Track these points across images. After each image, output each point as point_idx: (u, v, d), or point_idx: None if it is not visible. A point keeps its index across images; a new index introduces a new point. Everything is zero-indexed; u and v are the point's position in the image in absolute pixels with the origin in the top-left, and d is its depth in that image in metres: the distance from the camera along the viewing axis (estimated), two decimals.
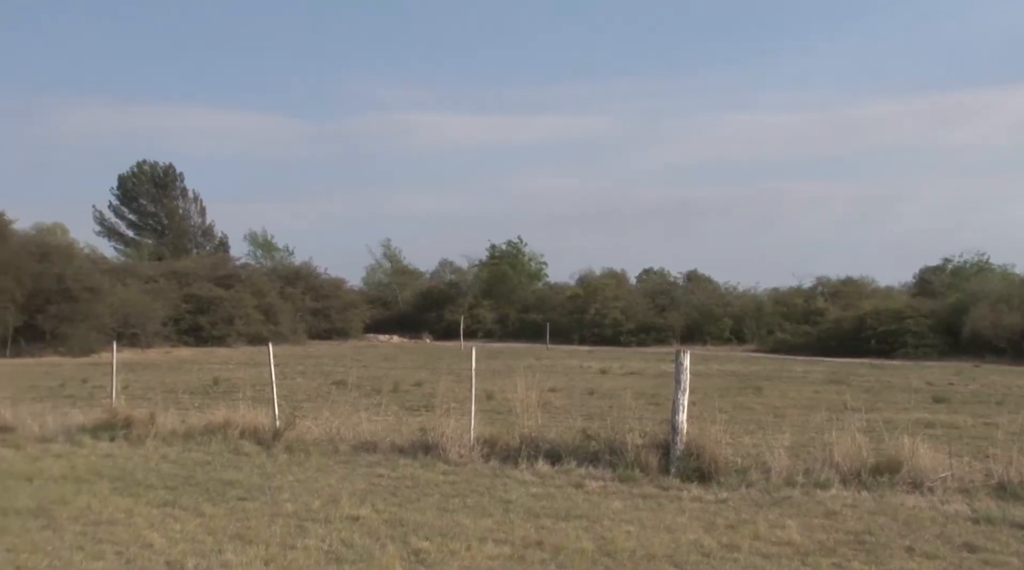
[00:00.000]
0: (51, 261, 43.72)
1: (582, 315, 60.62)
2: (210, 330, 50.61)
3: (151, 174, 78.07)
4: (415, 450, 12.07)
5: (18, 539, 7.50)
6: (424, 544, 7.50)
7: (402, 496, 9.59)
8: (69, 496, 9.29)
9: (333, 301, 62.72)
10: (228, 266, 61.53)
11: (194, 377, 26.40)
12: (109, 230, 77.74)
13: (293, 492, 9.66)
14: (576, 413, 16.72)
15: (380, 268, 79.15)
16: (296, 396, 19.13)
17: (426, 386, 22.65)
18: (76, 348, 40.63)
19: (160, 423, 13.63)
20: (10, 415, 14.18)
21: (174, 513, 8.62)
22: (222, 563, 6.87)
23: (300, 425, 13.27)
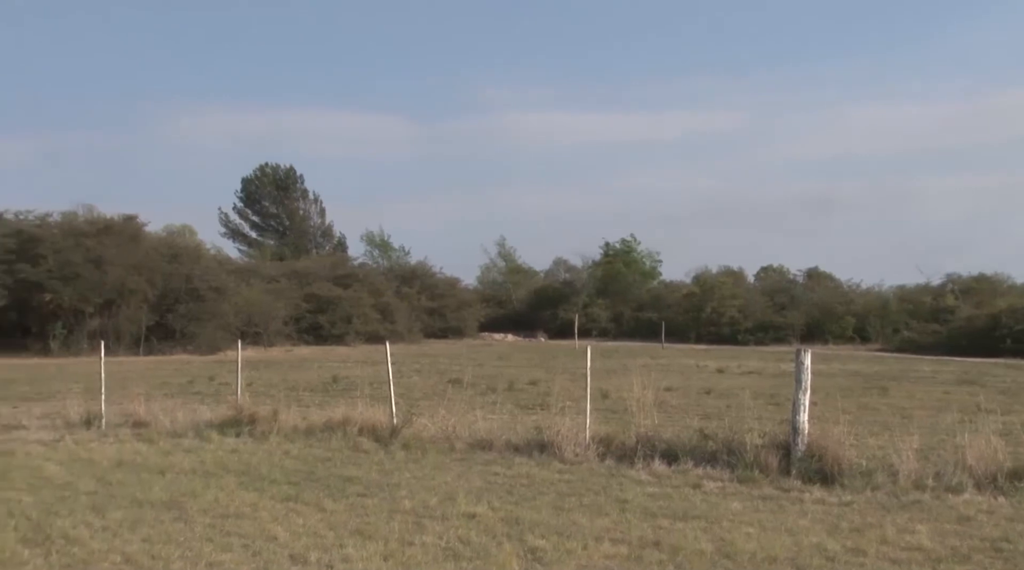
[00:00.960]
0: (180, 262, 45.46)
1: (698, 313, 59.79)
2: (329, 329, 51.79)
3: (273, 176, 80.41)
4: (530, 448, 12.08)
5: (152, 530, 7.79)
6: (540, 542, 7.49)
7: (518, 494, 9.61)
8: (198, 489, 9.62)
9: (448, 300, 63.40)
10: (346, 266, 62.88)
11: (314, 375, 27.06)
12: (233, 231, 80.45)
13: (411, 489, 9.77)
14: (692, 413, 16.48)
15: (495, 267, 79.64)
16: (413, 394, 19.39)
17: (541, 385, 22.67)
18: (203, 346, 42.13)
19: (283, 420, 13.99)
20: (144, 411, 14.78)
21: (297, 508, 8.82)
22: (343, 557, 6.99)
23: (417, 423, 13.44)
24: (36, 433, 13.71)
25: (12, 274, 39.61)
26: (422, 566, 6.85)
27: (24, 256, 40.65)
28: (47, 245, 41.25)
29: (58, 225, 44.50)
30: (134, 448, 12.42)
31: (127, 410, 14.94)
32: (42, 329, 40.38)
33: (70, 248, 41.28)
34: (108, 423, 14.43)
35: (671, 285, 69.70)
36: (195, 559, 6.87)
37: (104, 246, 42.13)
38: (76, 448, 12.36)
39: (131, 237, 44.46)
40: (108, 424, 14.38)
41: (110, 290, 41.34)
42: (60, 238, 42.20)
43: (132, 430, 13.98)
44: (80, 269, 40.59)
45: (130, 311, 41.92)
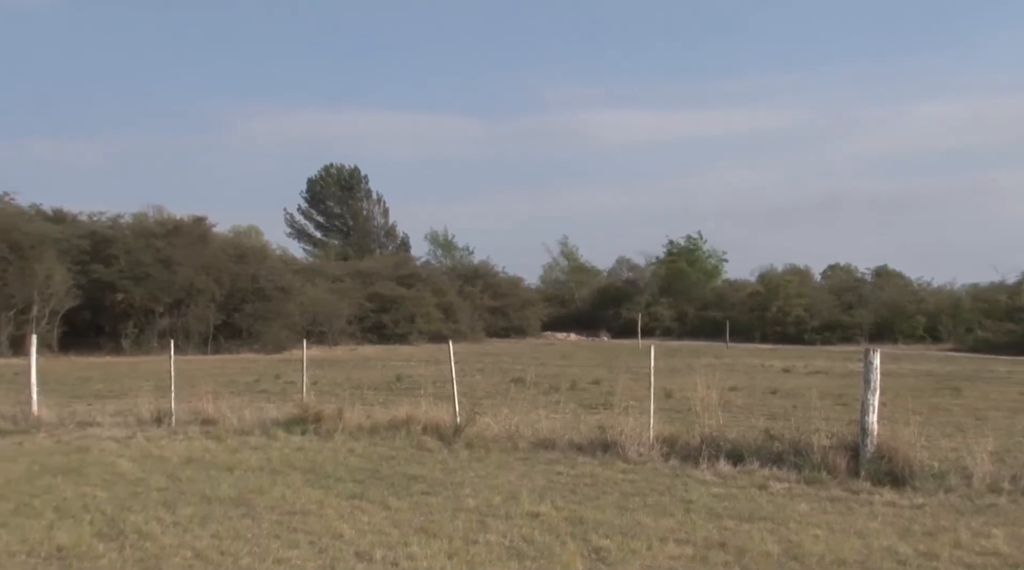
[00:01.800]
0: (247, 262, 46.20)
1: (763, 312, 59.12)
2: (393, 328, 52.21)
3: (337, 177, 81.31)
4: (594, 448, 12.03)
5: (221, 526, 7.92)
6: (604, 542, 7.45)
7: (581, 494, 9.57)
8: (265, 486, 9.75)
9: (511, 299, 63.51)
10: (410, 265, 63.32)
11: (378, 374, 27.28)
12: (299, 232, 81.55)
13: (474, 488, 9.79)
14: (758, 413, 16.26)
15: (557, 266, 79.62)
16: (476, 393, 19.44)
17: (604, 384, 22.58)
18: (269, 345, 42.76)
19: (347, 418, 14.11)
20: (212, 409, 15.02)
21: (362, 505, 8.89)
22: (408, 555, 7.02)
23: (480, 422, 13.46)
24: (109, 430, 14.01)
25: (86, 274, 40.61)
26: (486, 565, 6.86)
27: (97, 257, 41.68)
28: (119, 246, 42.24)
29: (129, 226, 45.59)
30: (203, 445, 12.63)
31: (196, 408, 15.19)
32: (114, 328, 41.34)
33: (141, 249, 42.21)
34: (178, 420, 14.70)
35: (736, 284, 69.04)
36: (263, 555, 6.96)
37: (174, 247, 43.01)
38: (147, 445, 12.61)
39: (199, 238, 45.32)
40: (178, 421, 14.65)
41: (179, 290, 42.17)
42: (131, 239, 43.19)
43: (201, 428, 14.22)
44: (150, 269, 41.46)
45: (198, 310, 42.71)
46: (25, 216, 42.67)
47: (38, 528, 7.78)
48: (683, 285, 67.19)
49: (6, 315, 37.89)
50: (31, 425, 14.44)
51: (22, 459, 11.42)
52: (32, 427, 14.29)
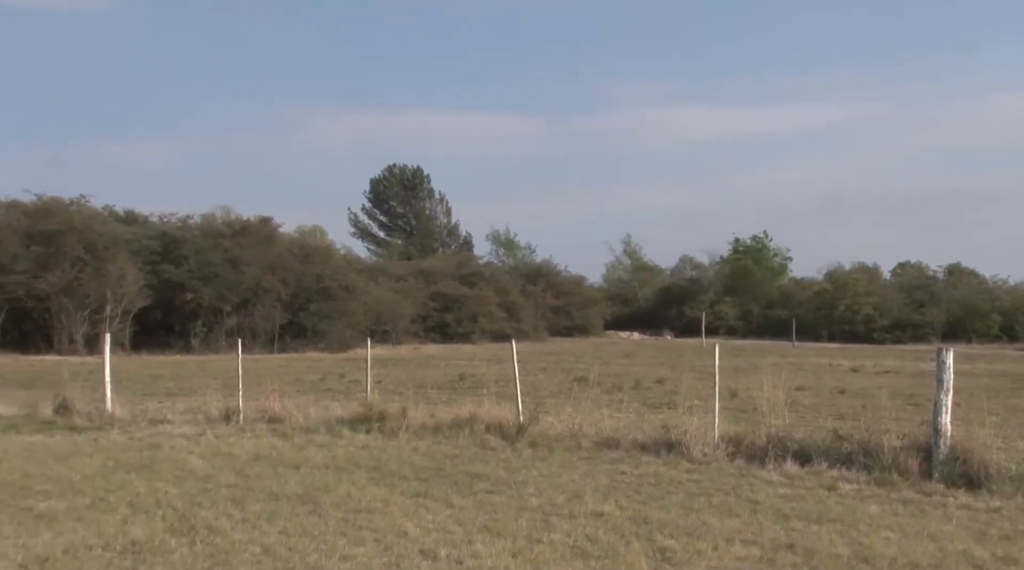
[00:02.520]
0: (312, 262, 46.82)
1: (831, 311, 58.26)
2: (455, 327, 52.47)
3: (400, 177, 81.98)
4: (657, 447, 11.94)
5: (288, 523, 8.01)
6: (669, 542, 7.38)
7: (645, 493, 9.50)
8: (331, 484, 9.84)
9: (573, 298, 63.47)
10: (472, 265, 63.62)
11: (441, 373, 27.42)
12: (362, 231, 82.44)
13: (538, 487, 9.77)
14: (826, 413, 16.01)
15: (620, 265, 79.43)
16: (539, 392, 19.42)
17: (668, 383, 22.41)
18: (334, 344, 43.27)
19: (411, 417, 14.20)
20: (278, 407, 15.23)
21: (426, 503, 8.93)
22: (472, 554, 7.03)
23: (543, 421, 13.44)
24: (180, 427, 14.29)
25: (157, 274, 41.52)
26: (550, 564, 6.84)
27: (167, 257, 42.61)
28: (188, 246, 43.12)
29: (198, 227, 46.53)
30: (270, 443, 12.81)
31: (263, 406, 15.41)
32: (184, 327, 42.20)
33: (209, 249, 43.03)
34: (245, 418, 14.93)
35: (802, 282, 68.20)
36: (329, 552, 7.02)
37: (241, 247, 43.76)
38: (216, 442, 12.82)
39: (266, 238, 46.05)
40: (245, 419, 14.89)
41: (246, 289, 42.88)
42: (200, 239, 44.08)
43: (268, 425, 14.42)
44: (219, 269, 42.24)
45: (265, 310, 43.38)
46: (99, 218, 43.82)
47: (113, 522, 7.95)
48: (748, 284, 66.49)
49: (81, 314, 38.89)
50: (105, 422, 14.79)
51: (98, 455, 11.70)
52: (106, 424, 14.63)
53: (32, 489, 9.48)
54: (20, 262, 38.97)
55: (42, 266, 39.11)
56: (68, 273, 38.88)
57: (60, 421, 14.98)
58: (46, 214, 41.54)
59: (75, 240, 39.73)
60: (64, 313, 38.84)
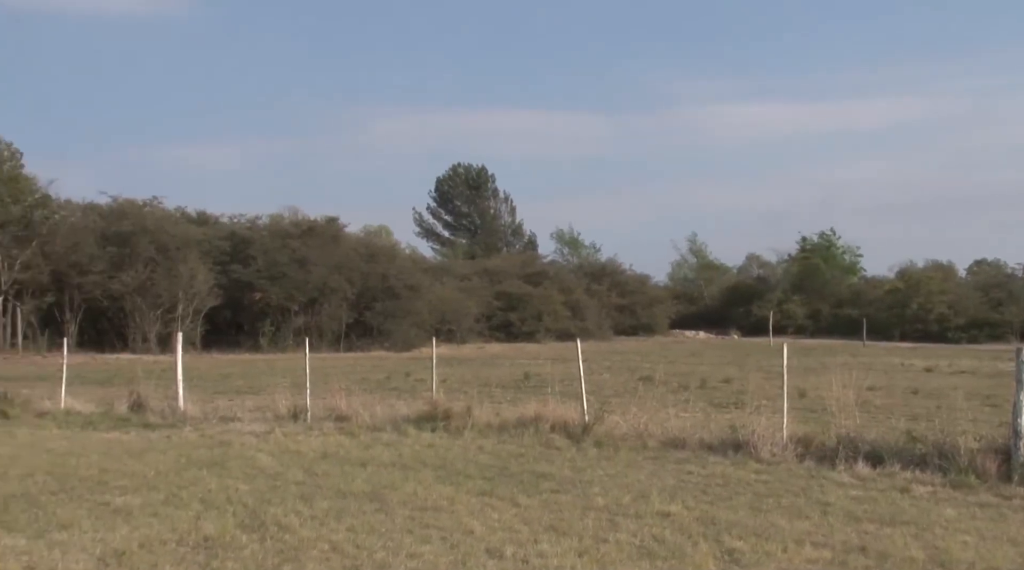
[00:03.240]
0: (377, 262, 47.27)
1: (903, 310, 57.14)
2: (520, 326, 52.52)
3: (465, 176, 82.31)
4: (725, 447, 11.82)
5: (356, 520, 8.09)
6: (738, 543, 7.29)
7: (713, 494, 9.41)
8: (398, 482, 9.91)
9: (638, 297, 63.20)
10: (536, 264, 63.64)
11: (505, 372, 27.47)
12: (427, 231, 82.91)
13: (603, 486, 9.73)
14: (898, 413, 15.66)
15: (685, 263, 78.88)
16: (603, 391, 19.33)
17: (735, 383, 22.18)
18: (399, 343, 43.60)
19: (476, 416, 14.24)
20: (345, 406, 15.39)
21: (491, 502, 8.94)
22: (538, 553, 7.03)
23: (608, 420, 13.38)
24: (249, 425, 14.52)
25: (226, 274, 42.29)
26: (617, 564, 6.80)
27: (237, 257, 43.38)
28: (257, 246, 43.84)
29: (266, 227, 47.29)
30: (337, 441, 12.95)
31: (330, 404, 15.58)
32: (253, 326, 42.90)
33: (277, 249, 43.70)
34: (313, 416, 15.11)
35: (873, 280, 67.04)
36: (396, 550, 7.07)
37: (308, 247, 44.36)
38: (285, 440, 13.00)
39: (332, 238, 46.62)
40: (313, 417, 15.07)
41: (313, 289, 43.45)
42: (268, 239, 44.79)
43: (335, 423, 14.58)
44: (286, 269, 42.86)
45: (331, 309, 43.90)
46: (171, 219, 44.81)
47: (186, 518, 8.11)
48: (817, 282, 65.52)
49: (154, 314, 39.79)
50: (178, 419, 15.10)
51: (171, 452, 11.94)
52: (179, 421, 14.94)
53: (109, 484, 9.72)
54: (96, 263, 40.03)
55: (117, 266, 40.13)
56: (141, 273, 39.84)
57: (135, 418, 15.33)
58: (121, 216, 42.65)
59: (147, 241, 40.70)
60: (138, 312, 39.77)
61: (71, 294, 40.15)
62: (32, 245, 39.48)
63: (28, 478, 10.03)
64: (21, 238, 39.66)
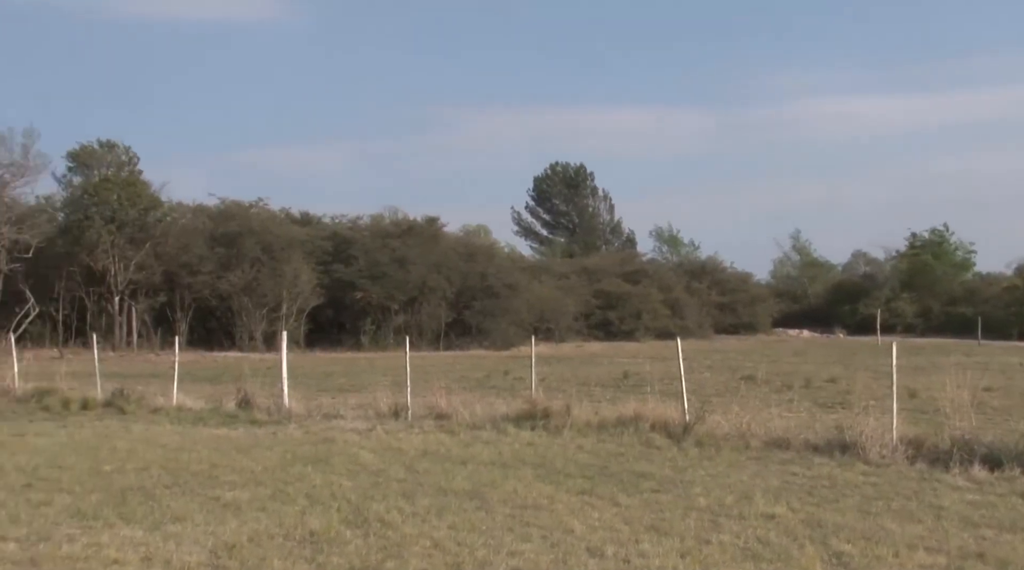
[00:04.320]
0: (476, 261, 47.64)
1: (1021, 308, 54.91)
2: (619, 325, 52.26)
3: (563, 175, 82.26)
4: (831, 448, 11.53)
5: (457, 518, 8.14)
6: (846, 547, 7.09)
7: (819, 496, 9.18)
8: (498, 480, 9.94)
9: (740, 295, 62.29)
10: (635, 262, 63.25)
11: (604, 371, 27.33)
12: (525, 230, 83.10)
13: (705, 486, 9.59)
14: (1018, 415, 15.07)
15: (788, 261, 77.37)
16: (704, 391, 19.08)
17: (841, 382, 21.63)
18: (497, 342, 43.81)
19: (575, 415, 14.19)
20: (445, 404, 15.51)
21: (591, 501, 8.90)
22: (639, 553, 6.96)
23: (710, 420, 13.19)
24: (352, 422, 14.76)
25: (329, 274, 43.17)
26: (720, 565, 6.69)
27: (338, 257, 44.25)
28: (358, 246, 44.66)
29: (367, 227, 48.16)
30: (437, 439, 13.06)
31: (430, 402, 15.73)
32: (354, 325, 43.68)
33: (378, 249, 44.41)
34: (413, 414, 15.27)
35: (988, 277, 64.74)
36: (497, 547, 7.09)
37: (408, 246, 44.96)
38: (386, 437, 13.17)
39: (432, 237, 47.17)
40: (413, 415, 15.23)
41: (413, 288, 44.00)
42: (369, 239, 45.59)
43: (435, 422, 14.71)
44: (387, 268, 43.51)
45: (431, 308, 44.39)
46: (276, 220, 45.96)
47: (292, 513, 8.28)
48: (927, 279, 63.51)
49: (260, 313, 40.87)
50: (283, 416, 15.45)
51: (277, 448, 12.22)
52: (284, 418, 15.28)
53: (219, 479, 9.99)
54: (205, 263, 41.35)
55: (224, 267, 41.37)
56: (247, 273, 40.97)
57: (242, 415, 15.74)
58: (228, 217, 44.00)
59: (253, 241, 41.84)
60: (244, 312, 40.91)
61: (182, 294, 41.53)
62: (146, 246, 40.96)
63: (144, 472, 10.38)
64: (136, 240, 41.18)
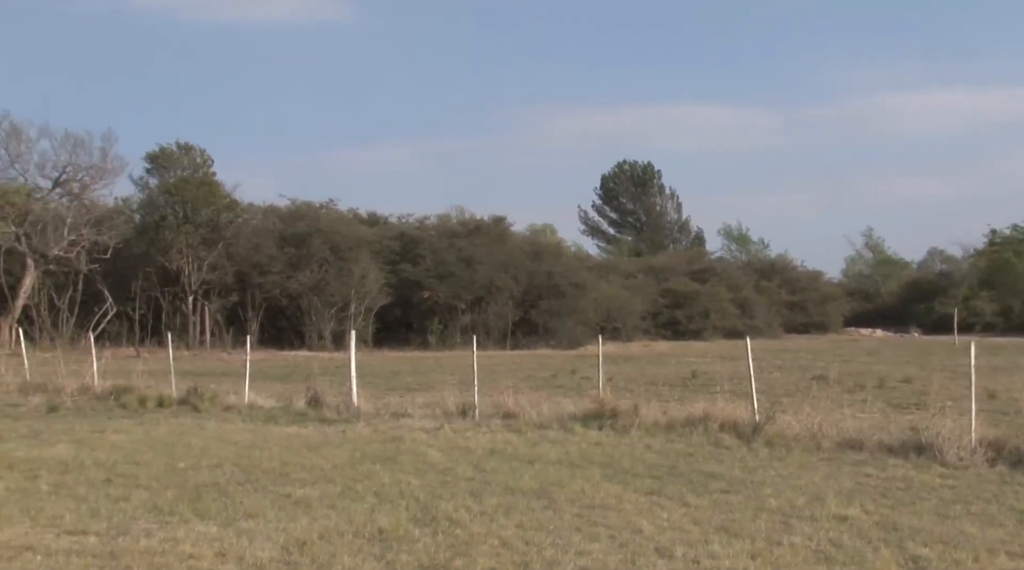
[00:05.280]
0: (542, 260, 47.61)
1: None
2: (686, 324, 51.84)
3: (630, 173, 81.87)
4: (906, 450, 11.31)
5: (524, 517, 8.14)
6: (923, 551, 6.94)
7: (893, 498, 9.00)
8: (565, 480, 9.92)
9: (810, 294, 61.37)
10: (703, 260, 62.72)
11: (672, 370, 27.12)
12: (592, 229, 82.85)
13: (776, 487, 9.47)
14: None
15: (860, 259, 76.04)
16: (774, 391, 18.83)
17: (916, 382, 21.17)
18: (564, 341, 43.72)
19: (643, 414, 14.11)
20: (512, 403, 15.53)
21: (660, 501, 8.84)
22: (709, 554, 6.89)
23: (780, 420, 13.03)
24: (419, 421, 14.86)
25: (396, 273, 43.52)
26: (791, 567, 6.60)
27: (406, 256, 44.58)
28: (425, 246, 44.95)
29: (434, 227, 48.46)
30: (504, 438, 13.08)
31: (497, 402, 15.76)
32: (421, 324, 43.94)
33: (445, 248, 44.64)
34: (481, 414, 15.31)
35: None
36: (565, 547, 7.07)
37: (474, 246, 45.13)
38: (454, 436, 13.24)
39: (498, 237, 47.27)
40: (481, 414, 15.27)
41: (480, 287, 44.13)
42: (436, 239, 45.86)
43: (502, 421, 14.73)
44: (453, 268, 43.71)
45: (497, 307, 44.46)
46: (344, 220, 46.50)
47: (361, 511, 8.36)
48: (1008, 277, 61.74)
49: (328, 312, 41.34)
50: (352, 415, 15.62)
51: (346, 446, 12.36)
52: (353, 417, 15.45)
53: (290, 477, 10.14)
54: (275, 263, 41.98)
55: (294, 266, 41.95)
56: (316, 273, 41.49)
57: (312, 413, 15.95)
58: (298, 217, 44.63)
59: (321, 241, 42.35)
60: (313, 311, 41.43)
61: (253, 293, 42.20)
62: (218, 247, 41.72)
63: (217, 469, 10.58)
64: (209, 240, 41.96)
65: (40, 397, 17.88)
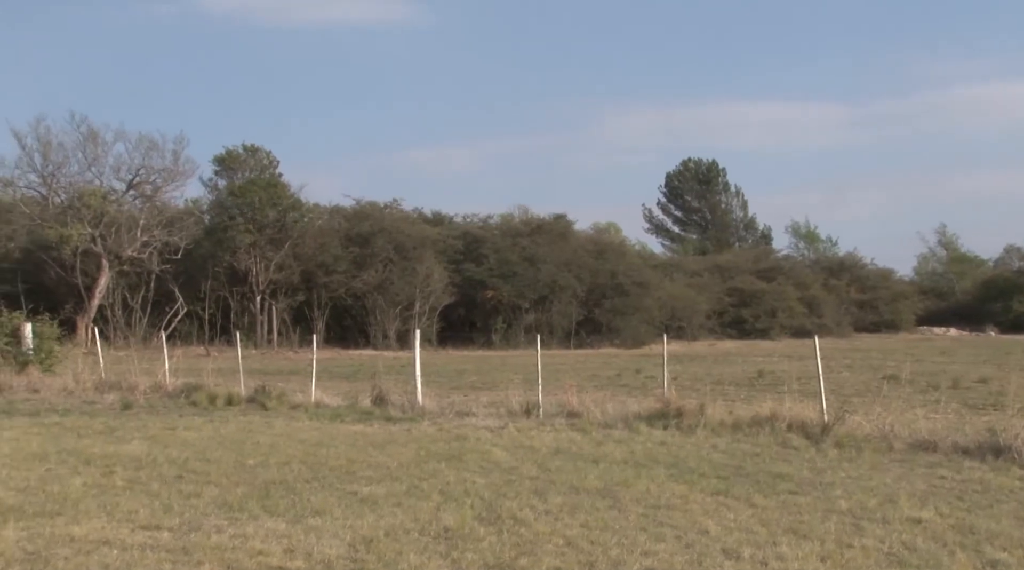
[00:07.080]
0: (606, 259, 47.49)
1: None
2: (753, 323, 51.32)
3: (695, 171, 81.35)
4: (982, 452, 11.01)
5: (589, 516, 8.10)
6: (1001, 555, 6.74)
7: (970, 501, 8.76)
8: (630, 479, 9.85)
9: (881, 292, 60.38)
10: (770, 259, 62.05)
11: (738, 369, 26.82)
12: (657, 227, 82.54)
13: (846, 489, 9.29)
14: None
15: (933, 256, 74.63)
16: (843, 390, 18.51)
17: (993, 383, 20.64)
18: (628, 340, 43.58)
19: (709, 414, 13.96)
20: (576, 402, 15.48)
21: (726, 502, 8.72)
22: (777, 555, 6.78)
23: (850, 420, 12.80)
24: (484, 420, 14.88)
25: (460, 273, 43.75)
26: None
27: (469, 256, 44.80)
28: (488, 245, 45.12)
29: (497, 226, 48.66)
30: (569, 437, 13.03)
31: (561, 401, 15.72)
32: (485, 323, 44.15)
33: (508, 247, 44.77)
34: (545, 413, 15.28)
35: None
36: (631, 547, 7.02)
37: (537, 245, 45.17)
38: (518, 435, 13.22)
39: (561, 235, 47.25)
40: (545, 414, 15.24)
41: (543, 287, 44.16)
42: (499, 238, 46.01)
43: (566, 420, 14.69)
44: (516, 267, 43.80)
45: (561, 306, 44.46)
46: (408, 220, 46.88)
47: (427, 509, 8.39)
48: None
49: (393, 311, 41.72)
50: (417, 413, 15.70)
51: (411, 445, 12.42)
52: (417, 415, 15.52)
53: (356, 474, 10.22)
54: (340, 263, 42.49)
55: (358, 266, 42.42)
56: (381, 272, 41.89)
57: (377, 411, 16.06)
58: (363, 217, 45.10)
59: (385, 241, 42.72)
60: (378, 310, 41.86)
61: (318, 293, 42.75)
62: (285, 247, 42.35)
63: (285, 466, 10.71)
64: (276, 240, 42.62)
65: (115, 395, 18.30)
